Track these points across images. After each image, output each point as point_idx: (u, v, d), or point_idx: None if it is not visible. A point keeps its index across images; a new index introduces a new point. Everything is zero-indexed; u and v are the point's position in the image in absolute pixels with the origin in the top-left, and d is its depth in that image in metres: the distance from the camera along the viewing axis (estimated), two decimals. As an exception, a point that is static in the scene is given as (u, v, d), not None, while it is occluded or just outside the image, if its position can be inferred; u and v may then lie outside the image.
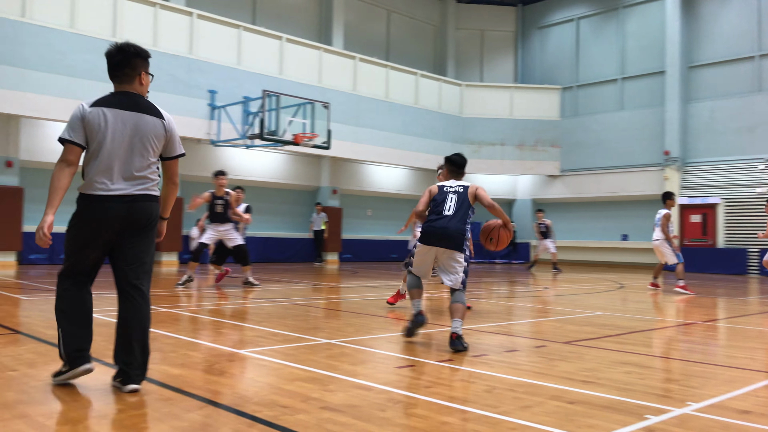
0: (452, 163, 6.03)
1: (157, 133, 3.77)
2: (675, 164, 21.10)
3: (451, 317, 5.40)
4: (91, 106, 3.65)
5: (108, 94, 3.78)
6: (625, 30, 23.30)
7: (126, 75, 3.78)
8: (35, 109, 13.95)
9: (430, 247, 5.64)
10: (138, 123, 3.70)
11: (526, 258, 24.91)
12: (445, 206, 5.64)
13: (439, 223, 5.58)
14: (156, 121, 3.77)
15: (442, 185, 5.84)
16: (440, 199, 5.71)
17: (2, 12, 13.66)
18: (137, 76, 3.81)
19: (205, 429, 3.03)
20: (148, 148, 3.72)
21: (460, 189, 5.74)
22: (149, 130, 3.73)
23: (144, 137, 3.71)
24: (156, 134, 3.76)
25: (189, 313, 7.52)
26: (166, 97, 15.94)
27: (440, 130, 23.02)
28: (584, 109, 24.18)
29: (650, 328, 7.04)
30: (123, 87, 3.79)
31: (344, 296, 10.35)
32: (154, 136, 3.75)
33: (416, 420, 3.25)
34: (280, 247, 20.69)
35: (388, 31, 24.36)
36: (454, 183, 5.85)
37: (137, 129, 3.69)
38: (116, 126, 3.64)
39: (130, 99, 3.75)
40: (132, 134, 3.68)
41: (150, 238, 3.78)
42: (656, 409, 3.54)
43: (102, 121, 3.62)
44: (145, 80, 3.86)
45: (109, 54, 3.83)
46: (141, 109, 3.74)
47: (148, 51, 3.92)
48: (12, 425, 3.04)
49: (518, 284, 14.12)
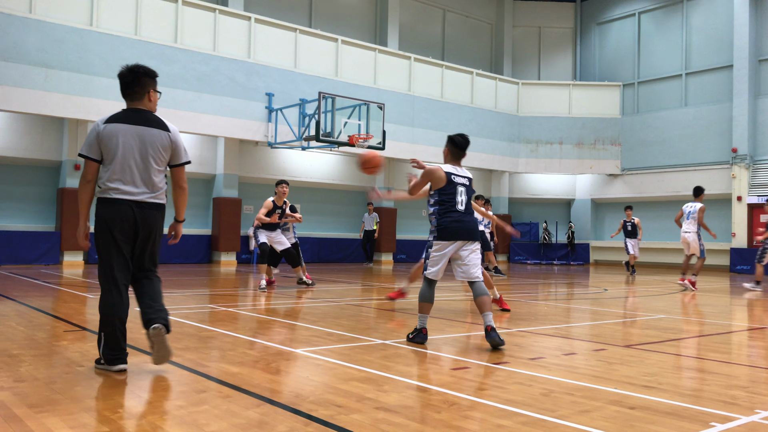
0: (456, 145, 5.88)
1: (164, 143, 4.22)
2: (743, 162, 20.30)
3: (481, 312, 5.40)
4: (105, 122, 4.15)
5: (120, 111, 4.24)
6: (689, 23, 22.54)
7: (136, 93, 4.25)
8: (101, 114, 14.41)
9: (452, 243, 5.56)
10: (146, 135, 4.17)
11: (584, 259, 24.40)
12: (458, 200, 5.65)
13: (459, 219, 5.59)
14: (162, 134, 4.22)
15: (450, 173, 5.70)
16: (451, 192, 5.66)
17: (71, 21, 14.25)
18: (146, 93, 4.27)
19: (262, 427, 3.08)
20: (156, 158, 4.19)
21: (467, 182, 5.80)
22: (156, 142, 4.19)
23: (152, 147, 4.17)
24: (162, 145, 4.22)
25: (246, 313, 7.66)
26: (225, 100, 16.32)
27: (496, 130, 22.78)
28: (646, 106, 23.51)
29: (716, 333, 6.79)
30: (134, 104, 4.27)
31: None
32: (161, 147, 4.21)
33: (472, 422, 3.22)
34: (335, 248, 20.87)
35: (443, 31, 24.26)
36: (460, 172, 5.79)
37: (145, 141, 4.16)
38: (127, 139, 4.12)
39: (139, 115, 4.21)
40: (141, 145, 4.15)
41: (158, 240, 4.34)
42: (722, 416, 3.41)
43: (114, 136, 4.11)
44: (153, 97, 4.31)
45: (121, 75, 4.28)
46: (149, 124, 4.20)
47: (155, 71, 4.37)
48: (80, 418, 3.16)
49: (577, 286, 13.84)
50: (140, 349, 5.03)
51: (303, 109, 17.16)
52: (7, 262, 14.82)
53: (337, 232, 21.43)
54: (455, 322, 6.99)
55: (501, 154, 22.85)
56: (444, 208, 5.63)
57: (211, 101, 16.10)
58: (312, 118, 16.25)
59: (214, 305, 8.15)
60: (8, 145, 15.33)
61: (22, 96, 13.54)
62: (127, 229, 4.13)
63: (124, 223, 4.10)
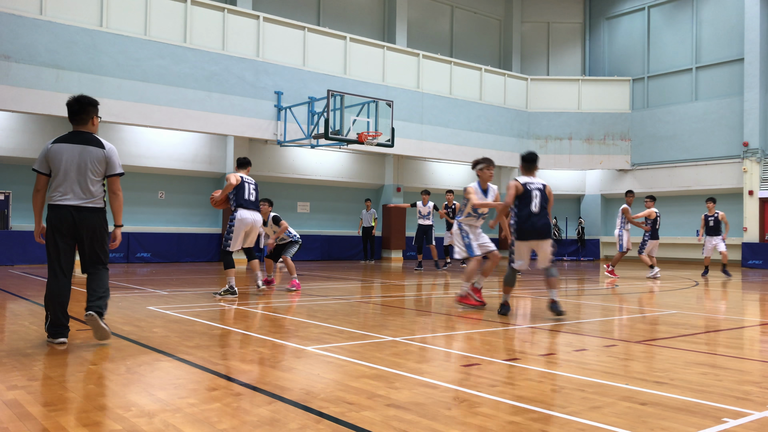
0: (526, 161, 7.29)
1: (99, 158, 5.05)
2: (755, 156, 20.14)
3: (550, 288, 7.03)
4: (53, 143, 5.03)
5: (67, 133, 5.12)
6: (699, 17, 22.38)
7: (82, 119, 5.11)
8: (112, 114, 14.57)
9: (528, 242, 7.03)
10: (84, 152, 5.01)
11: (594, 255, 24.31)
12: (532, 203, 6.95)
13: (532, 220, 6.97)
14: (98, 150, 5.06)
15: (525, 183, 7.04)
16: (527, 197, 6.97)
17: (82, 22, 14.33)
18: (90, 119, 5.14)
19: (274, 424, 3.10)
20: (93, 170, 5.02)
21: (541, 186, 7.11)
22: (93, 157, 5.03)
23: (90, 162, 5.01)
24: (98, 159, 5.04)
25: (257, 311, 7.69)
26: (234, 99, 16.37)
27: (505, 126, 22.71)
28: (656, 100, 23.37)
29: (727, 328, 6.75)
30: (79, 127, 5.12)
31: (408, 294, 10.36)
32: (97, 161, 5.04)
33: (482, 419, 3.22)
34: (344, 245, 20.90)
35: (452, 27, 24.21)
36: (534, 180, 7.10)
37: (84, 157, 5.01)
38: (69, 156, 4.98)
39: (81, 136, 5.07)
40: (80, 161, 4.99)
41: (103, 240, 5.12)
42: (734, 412, 3.39)
43: (59, 154, 4.98)
44: (95, 122, 5.19)
45: (69, 104, 5.10)
46: (88, 143, 5.05)
47: (97, 101, 5.23)
48: (92, 416, 3.19)
49: (588, 282, 13.79)
50: (151, 347, 5.06)
51: (312, 107, 17.19)
52: (20, 261, 14.94)
53: (347, 230, 21.46)
54: (466, 319, 7.00)
55: (510, 150, 22.78)
56: (521, 210, 7.05)
57: (220, 100, 16.15)
58: (321, 116, 16.27)
59: (225, 303, 8.19)
60: (20, 146, 15.46)
61: (34, 97, 13.64)
62: (67, 229, 4.96)
63: (63, 223, 4.95)
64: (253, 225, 8.98)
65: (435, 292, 10.56)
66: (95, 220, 5.04)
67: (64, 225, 4.95)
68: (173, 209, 18.30)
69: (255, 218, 9.00)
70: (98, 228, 5.06)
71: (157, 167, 17.43)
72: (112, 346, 5.06)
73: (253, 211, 8.99)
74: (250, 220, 8.89)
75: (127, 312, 7.20)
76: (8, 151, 15.37)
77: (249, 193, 8.96)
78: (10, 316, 6.84)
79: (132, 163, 16.88)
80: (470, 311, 7.56)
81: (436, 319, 7.08)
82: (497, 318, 7.01)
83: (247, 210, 8.88)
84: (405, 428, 3.05)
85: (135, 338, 5.48)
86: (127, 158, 16.92)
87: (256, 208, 9.10)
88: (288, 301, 8.70)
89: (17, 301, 8.21)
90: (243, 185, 8.92)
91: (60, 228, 4.96)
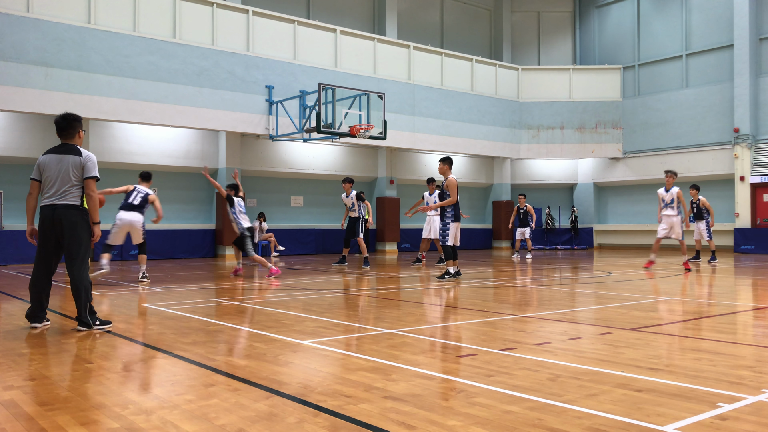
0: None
1: (76, 164, 5.78)
2: (745, 142, 20.23)
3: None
4: (44, 155, 5.86)
5: (55, 146, 5.89)
6: (689, 4, 22.40)
7: (69, 134, 5.92)
8: (102, 111, 14.48)
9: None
10: (64, 159, 5.77)
11: (588, 243, 24.39)
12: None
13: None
14: (76, 158, 5.79)
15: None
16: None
17: (70, 19, 14.21)
18: (76, 133, 5.96)
19: (271, 419, 3.11)
20: (72, 174, 5.76)
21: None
22: (71, 163, 5.77)
23: (70, 167, 5.75)
24: (75, 165, 5.78)
25: (253, 305, 7.69)
26: (225, 94, 16.30)
27: (497, 116, 22.72)
28: (647, 88, 23.42)
29: (720, 313, 6.80)
30: (66, 140, 5.91)
31: (404, 286, 10.37)
32: (74, 167, 5.78)
33: (479, 409, 3.24)
34: (339, 239, 20.85)
35: (442, 18, 24.15)
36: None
37: (64, 163, 5.77)
38: (54, 164, 5.78)
39: (65, 147, 5.85)
40: (61, 166, 5.76)
41: (77, 234, 5.73)
42: (729, 396, 3.42)
43: (48, 163, 5.79)
44: (81, 135, 6.01)
45: (57, 121, 5.90)
46: (69, 152, 5.81)
47: (81, 116, 6.05)
48: (90, 415, 3.19)
49: (581, 270, 13.85)
50: (147, 344, 5.06)
51: (303, 100, 17.13)
52: (13, 261, 14.88)
53: (340, 223, 21.41)
54: (462, 309, 7.02)
55: (502, 140, 22.79)
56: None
57: (211, 95, 16.08)
58: (313, 110, 16.23)
59: (221, 299, 8.18)
60: (10, 145, 15.35)
61: (23, 96, 13.54)
62: (49, 225, 5.69)
63: (46, 221, 5.71)
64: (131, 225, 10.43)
65: (430, 284, 10.59)
66: (70, 216, 5.70)
67: (46, 222, 5.70)
68: (166, 206, 18.18)
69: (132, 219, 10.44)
70: (74, 222, 5.71)
71: (149, 164, 17.34)
72: (107, 344, 5.06)
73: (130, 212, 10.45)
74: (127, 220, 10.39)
75: (122, 309, 7.19)
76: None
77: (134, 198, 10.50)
78: (5, 316, 6.82)
79: (124, 161, 16.81)
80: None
81: (431, 311, 7.10)
82: (492, 308, 7.02)
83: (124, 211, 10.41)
84: (402, 420, 3.06)
85: (131, 336, 5.48)
86: (119, 155, 16.83)
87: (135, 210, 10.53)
88: (284, 296, 8.70)
89: (11, 301, 8.19)
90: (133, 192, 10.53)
91: (43, 226, 5.71)
